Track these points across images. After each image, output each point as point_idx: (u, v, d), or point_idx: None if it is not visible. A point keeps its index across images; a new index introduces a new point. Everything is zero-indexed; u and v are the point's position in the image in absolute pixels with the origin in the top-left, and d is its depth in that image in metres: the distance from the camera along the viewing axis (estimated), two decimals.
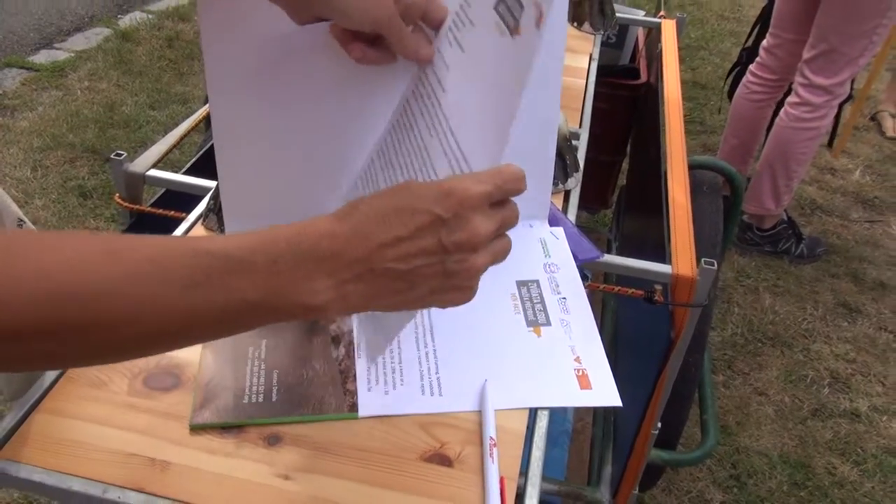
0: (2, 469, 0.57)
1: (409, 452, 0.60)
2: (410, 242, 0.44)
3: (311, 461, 0.59)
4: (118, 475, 0.57)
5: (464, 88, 0.59)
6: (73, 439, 0.59)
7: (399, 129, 0.64)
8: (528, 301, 0.74)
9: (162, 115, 2.85)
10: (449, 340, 0.69)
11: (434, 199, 0.44)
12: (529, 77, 0.49)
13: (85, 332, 0.39)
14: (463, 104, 0.57)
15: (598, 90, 1.30)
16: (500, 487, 0.57)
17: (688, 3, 4.48)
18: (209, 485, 0.57)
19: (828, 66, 2.02)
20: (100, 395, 0.63)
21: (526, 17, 0.52)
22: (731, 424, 1.78)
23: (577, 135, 1.05)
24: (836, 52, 1.98)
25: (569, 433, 1.40)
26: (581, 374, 0.67)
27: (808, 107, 2.07)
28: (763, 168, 2.24)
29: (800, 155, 2.15)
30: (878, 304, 2.22)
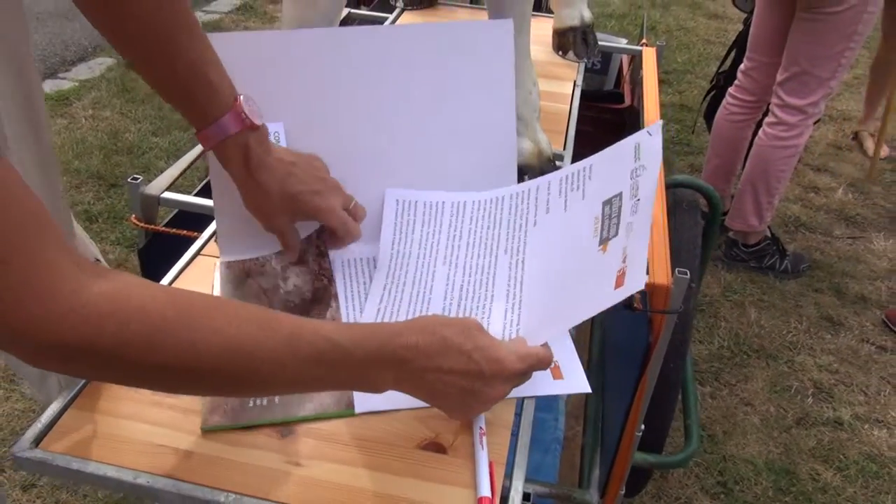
0: (43, 459, 0.63)
1: (408, 441, 0.67)
2: (456, 376, 0.60)
3: (320, 450, 0.66)
4: (147, 463, 0.63)
5: (551, 238, 0.75)
6: (106, 433, 0.66)
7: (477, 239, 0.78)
8: (608, 218, 0.72)
9: (164, 141, 2.93)
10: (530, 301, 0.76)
11: (486, 359, 0.61)
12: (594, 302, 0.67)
13: (233, 378, 0.54)
14: (544, 254, 0.72)
15: (584, 114, 1.39)
16: (490, 471, 0.64)
17: (674, 28, 4.61)
18: (229, 471, 0.63)
19: (800, 87, 2.13)
20: (127, 393, 0.70)
21: (615, 245, 0.67)
22: (718, 433, 1.85)
23: (561, 156, 1.13)
24: (807, 74, 2.09)
25: (560, 441, 1.46)
26: (553, 365, 0.73)
27: (785, 126, 2.17)
28: (745, 186, 2.32)
29: (779, 172, 2.24)
30: (859, 317, 2.29)
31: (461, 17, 1.66)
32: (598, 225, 0.73)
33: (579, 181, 0.77)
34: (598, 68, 1.91)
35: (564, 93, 1.36)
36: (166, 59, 0.69)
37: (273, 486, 0.62)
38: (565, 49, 1.48)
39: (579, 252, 0.74)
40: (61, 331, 0.46)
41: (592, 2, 5.10)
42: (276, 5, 4.66)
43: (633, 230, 0.72)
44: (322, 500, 0.62)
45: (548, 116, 1.23)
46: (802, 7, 2.05)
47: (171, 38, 0.68)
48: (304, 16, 0.85)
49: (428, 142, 0.85)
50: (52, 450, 0.64)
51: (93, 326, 0.47)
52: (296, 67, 0.80)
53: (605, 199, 0.73)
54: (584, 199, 0.76)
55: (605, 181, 0.74)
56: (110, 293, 0.48)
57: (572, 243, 0.76)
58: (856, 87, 3.92)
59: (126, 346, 0.48)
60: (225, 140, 0.72)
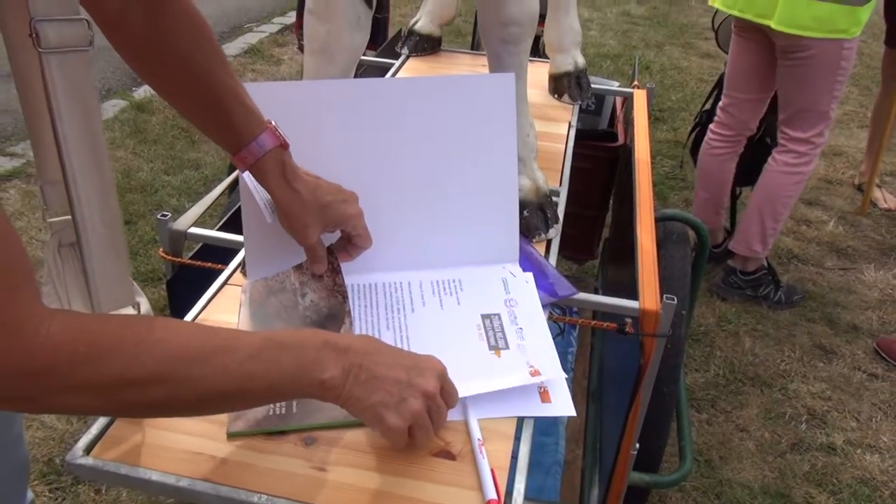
0: (94, 465, 0.71)
1: (420, 449, 0.74)
2: (390, 368, 0.68)
3: (342, 457, 0.73)
4: (187, 469, 0.71)
5: (432, 327, 0.87)
6: (149, 442, 0.73)
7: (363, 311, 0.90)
8: (491, 330, 0.88)
9: (176, 180, 3.04)
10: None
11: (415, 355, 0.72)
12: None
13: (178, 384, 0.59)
14: (429, 336, 0.85)
15: (580, 152, 1.48)
16: (493, 476, 0.71)
17: (668, 67, 4.75)
18: (260, 475, 0.71)
19: (801, 123, 2.26)
20: None
21: (510, 356, 0.83)
22: (715, 458, 1.90)
23: (557, 192, 1.21)
24: (804, 111, 2.22)
25: (561, 463, 1.53)
26: (542, 390, 0.81)
27: (795, 154, 2.29)
28: (752, 212, 2.42)
29: (786, 199, 2.35)
30: (851, 345, 2.36)
31: (463, 63, 1.77)
32: (481, 332, 0.87)
33: (452, 289, 0.93)
34: (593, 109, 2.01)
35: (560, 133, 1.45)
36: (205, 89, 0.78)
37: (300, 489, 0.70)
38: (560, 92, 1.58)
39: (468, 348, 0.85)
40: (26, 360, 0.53)
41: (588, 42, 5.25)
42: (282, 48, 4.81)
43: (528, 352, 0.84)
44: (344, 502, 0.69)
45: (545, 155, 1.32)
46: (780, 54, 2.18)
47: (209, 69, 0.78)
48: (324, 70, 0.94)
49: (432, 188, 0.94)
50: (102, 457, 0.71)
51: (50, 352, 0.53)
52: (311, 115, 0.89)
53: (484, 314, 0.90)
54: (459, 305, 0.91)
55: (479, 298, 0.92)
56: (64, 324, 0.55)
57: (456, 338, 0.87)
58: (845, 122, 4.04)
59: (79, 364, 0.54)
60: (264, 156, 0.81)
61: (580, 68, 1.57)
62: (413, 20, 1.78)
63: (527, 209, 1.08)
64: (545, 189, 1.11)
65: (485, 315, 0.90)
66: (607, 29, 5.48)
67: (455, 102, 0.90)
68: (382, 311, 0.91)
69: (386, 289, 0.93)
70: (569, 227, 1.24)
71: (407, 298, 0.92)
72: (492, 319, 0.90)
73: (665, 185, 3.29)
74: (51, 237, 0.75)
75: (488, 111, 0.91)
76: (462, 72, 1.74)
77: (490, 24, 1.00)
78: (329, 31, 0.91)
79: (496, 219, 0.96)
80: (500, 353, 0.85)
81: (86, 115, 0.66)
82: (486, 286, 0.94)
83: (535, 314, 0.91)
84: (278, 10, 5.54)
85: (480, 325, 0.89)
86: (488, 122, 0.92)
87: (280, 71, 4.41)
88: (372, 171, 0.91)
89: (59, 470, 1.70)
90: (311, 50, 0.94)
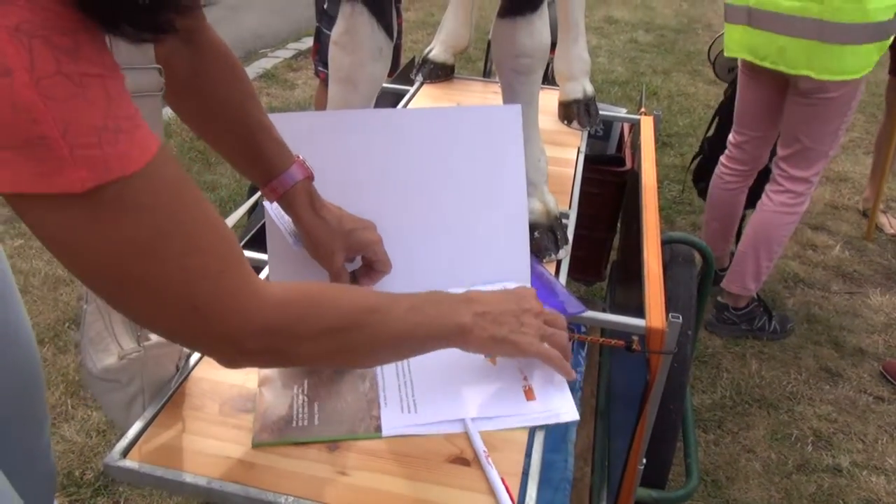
0: (130, 468, 0.75)
1: (437, 456, 0.78)
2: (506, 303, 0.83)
3: (363, 462, 0.77)
4: (218, 471, 0.75)
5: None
6: (182, 447, 0.78)
7: None
8: None
9: None
10: (427, 376, 0.89)
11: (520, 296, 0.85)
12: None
13: (365, 329, 0.71)
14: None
15: (588, 176, 1.53)
16: (504, 483, 0.75)
17: (676, 93, 4.81)
18: (287, 478, 0.75)
19: (802, 161, 2.25)
20: (198, 415, 0.82)
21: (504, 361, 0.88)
22: (722, 479, 1.93)
23: (567, 214, 1.26)
24: (809, 149, 2.21)
25: (570, 480, 1.55)
26: (527, 388, 0.86)
27: (792, 194, 2.28)
28: (747, 251, 2.40)
29: (782, 238, 2.36)
30: (857, 368, 2.38)
31: (475, 90, 1.83)
32: None
33: None
34: (601, 135, 2.06)
35: (569, 158, 1.50)
36: (240, 125, 0.84)
37: (323, 491, 0.74)
38: (570, 119, 1.63)
39: (465, 356, 0.87)
40: (258, 320, 0.62)
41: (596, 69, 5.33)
42: (296, 73, 4.91)
43: (521, 359, 0.89)
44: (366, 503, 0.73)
45: (555, 179, 1.37)
46: (797, 93, 2.15)
47: (243, 107, 0.84)
48: (348, 98, 1.00)
49: (446, 214, 0.99)
50: (138, 460, 0.76)
51: (276, 313, 0.64)
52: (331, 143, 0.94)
53: None
54: None
55: None
56: (277, 290, 0.65)
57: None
58: (851, 149, 4.08)
59: (302, 319, 0.67)
60: (293, 187, 0.87)
61: (589, 96, 1.63)
62: (427, 49, 1.84)
63: (538, 231, 1.12)
64: (555, 212, 1.16)
65: None
66: (615, 56, 5.56)
67: (467, 132, 0.95)
68: None
69: None
70: (577, 250, 1.29)
71: None
72: None
73: (672, 209, 3.33)
74: None
75: (498, 140, 0.96)
76: (474, 98, 1.80)
77: (503, 55, 1.05)
78: (353, 62, 0.97)
79: (507, 242, 1.00)
80: (496, 360, 0.90)
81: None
82: None
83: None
84: (292, 37, 5.66)
85: None
86: (498, 150, 0.97)
87: (294, 95, 4.50)
88: (388, 197, 0.96)
89: (79, 482, 1.74)
90: (336, 79, 1.00)
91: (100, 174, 0.50)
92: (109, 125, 0.50)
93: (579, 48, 1.59)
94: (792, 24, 2.04)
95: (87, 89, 0.49)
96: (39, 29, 0.46)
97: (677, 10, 7.03)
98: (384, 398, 0.85)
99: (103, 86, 0.50)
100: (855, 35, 1.97)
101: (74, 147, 0.48)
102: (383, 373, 0.89)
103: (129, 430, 0.79)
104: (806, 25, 2.01)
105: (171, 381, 0.86)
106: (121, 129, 0.51)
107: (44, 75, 0.46)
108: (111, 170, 0.50)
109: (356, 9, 0.94)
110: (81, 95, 0.49)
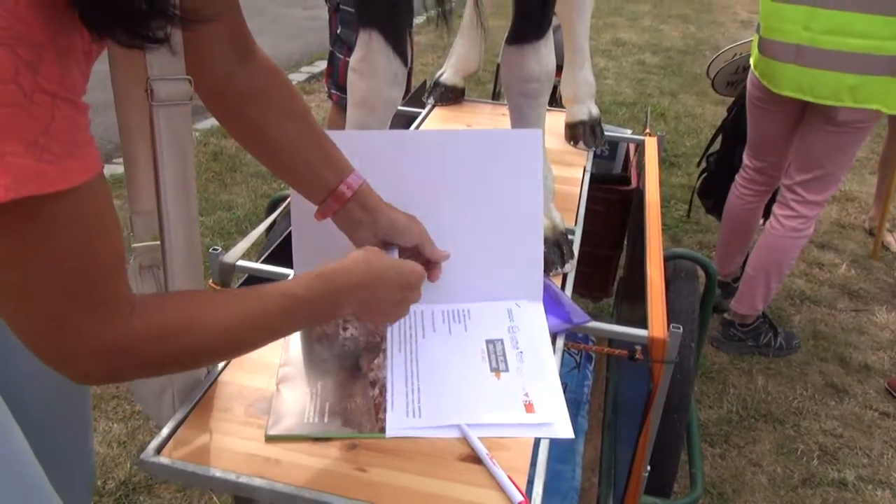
0: (164, 464, 0.81)
1: (449, 455, 0.84)
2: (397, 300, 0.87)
3: (381, 460, 0.83)
4: (245, 468, 0.80)
5: (440, 351, 0.98)
6: (211, 445, 0.83)
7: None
8: (493, 353, 0.98)
9: (210, 220, 3.18)
10: (434, 385, 0.94)
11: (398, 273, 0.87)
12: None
13: (231, 342, 0.74)
14: (435, 359, 0.96)
15: (595, 194, 1.58)
16: (511, 479, 0.80)
17: (683, 114, 4.88)
18: (309, 474, 0.80)
19: (821, 186, 2.28)
20: (225, 416, 0.87)
21: (509, 378, 0.93)
22: (728, 491, 1.96)
23: (573, 231, 1.32)
24: (829, 174, 2.25)
25: (577, 490, 1.60)
26: (528, 403, 0.90)
27: (803, 219, 2.32)
28: (757, 273, 2.43)
29: (791, 260, 2.41)
30: (863, 384, 2.41)
31: (484, 112, 1.90)
32: (484, 355, 0.98)
33: (461, 318, 1.05)
34: (607, 155, 2.13)
35: (576, 177, 1.56)
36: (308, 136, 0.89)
37: (342, 486, 0.79)
38: (576, 139, 1.69)
39: (471, 369, 0.96)
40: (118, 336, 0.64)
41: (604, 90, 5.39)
42: (309, 96, 5.02)
43: (525, 375, 0.95)
44: (384, 497, 0.78)
45: (561, 197, 1.43)
46: (831, 123, 2.14)
47: (306, 119, 0.89)
48: (365, 120, 1.06)
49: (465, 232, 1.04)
50: (171, 457, 0.81)
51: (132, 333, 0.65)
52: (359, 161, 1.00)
53: (488, 339, 1.01)
54: (466, 332, 1.02)
55: (485, 325, 1.03)
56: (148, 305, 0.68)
57: (461, 360, 0.98)
58: (857, 168, 4.12)
59: (160, 336, 0.67)
60: (362, 185, 0.91)
61: (594, 118, 1.69)
62: (438, 73, 1.92)
63: (545, 245, 1.18)
64: (561, 227, 1.21)
65: (489, 339, 1.01)
66: (623, 77, 5.64)
67: (488, 154, 1.01)
68: (396, 335, 1.01)
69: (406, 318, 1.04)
70: (585, 266, 1.34)
71: (418, 325, 1.03)
72: (495, 344, 1.00)
73: (679, 228, 3.38)
74: (133, 259, 0.86)
75: (518, 163, 1.02)
76: (484, 119, 1.87)
77: (512, 80, 1.12)
78: (369, 87, 1.04)
79: (523, 260, 1.06)
80: (500, 374, 0.95)
81: (183, 157, 0.78)
82: (492, 315, 1.05)
83: (536, 340, 1.01)
84: (305, 60, 5.78)
85: (484, 349, 0.99)
86: (517, 173, 1.02)
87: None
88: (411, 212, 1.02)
89: (101, 492, 1.80)
90: (354, 102, 1.06)
91: (18, 186, 0.51)
92: (40, 142, 0.52)
93: (585, 73, 1.66)
94: (869, 63, 2.01)
95: (34, 104, 0.51)
96: (8, 38, 0.49)
97: (684, 33, 7.12)
98: (392, 402, 0.90)
99: (52, 105, 0.52)
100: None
101: (2, 154, 0.50)
102: (393, 379, 0.94)
103: (163, 429, 0.85)
104: (884, 62, 2.00)
105: (202, 379, 0.91)
106: (49, 150, 0.52)
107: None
108: (28, 185, 0.51)
109: (373, 37, 1.01)
110: (26, 108, 0.51)
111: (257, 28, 4.73)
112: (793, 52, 2.10)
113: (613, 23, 7.40)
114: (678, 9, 8.18)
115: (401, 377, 0.94)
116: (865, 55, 2.00)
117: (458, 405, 0.90)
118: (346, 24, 2.67)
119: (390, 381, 0.94)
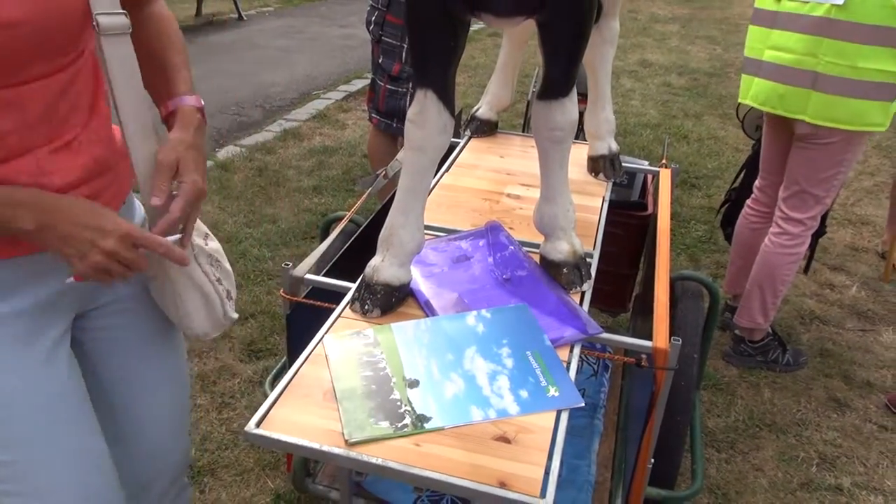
0: (262, 435, 1.03)
1: (485, 435, 1.05)
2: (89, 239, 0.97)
3: (433, 438, 1.04)
4: (325, 440, 1.02)
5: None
6: (297, 421, 1.05)
7: None
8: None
9: (257, 232, 3.44)
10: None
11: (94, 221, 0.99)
12: None
13: None
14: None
15: (614, 219, 1.79)
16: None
17: (706, 136, 5.05)
18: (376, 446, 1.02)
19: (800, 203, 2.49)
20: (308, 400, 1.10)
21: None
22: (731, 493, 2.14)
23: (591, 254, 1.53)
24: (805, 192, 2.46)
25: (591, 483, 1.80)
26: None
27: (788, 236, 2.52)
28: (753, 288, 2.64)
29: (784, 276, 2.58)
30: (865, 400, 2.58)
31: (515, 144, 2.12)
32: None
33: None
34: (626, 183, 2.33)
35: (595, 206, 1.77)
36: (159, 61, 1.16)
37: (403, 456, 1.01)
38: (597, 171, 1.91)
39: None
40: None
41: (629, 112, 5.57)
42: (346, 114, 5.27)
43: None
44: (435, 465, 1.00)
45: (582, 224, 1.64)
46: (797, 138, 2.43)
47: (164, 53, 1.17)
48: (419, 161, 1.28)
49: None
50: (268, 430, 1.04)
51: None
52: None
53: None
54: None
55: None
56: None
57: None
58: (875, 193, 4.26)
59: None
60: (180, 108, 1.14)
61: (614, 152, 1.90)
62: (475, 108, 2.14)
63: (566, 268, 1.39)
64: (581, 252, 1.42)
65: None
66: (648, 99, 5.83)
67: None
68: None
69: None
70: (604, 284, 1.55)
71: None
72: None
73: (698, 248, 3.56)
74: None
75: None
76: (514, 150, 2.08)
77: (541, 128, 1.33)
78: (423, 135, 1.26)
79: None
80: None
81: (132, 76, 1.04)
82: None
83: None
84: (342, 79, 6.06)
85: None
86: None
87: (345, 135, 4.85)
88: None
89: None
90: (409, 147, 1.28)
91: None
92: None
93: (606, 112, 1.87)
94: (791, 75, 2.32)
95: None
96: None
97: (711, 54, 7.28)
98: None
99: None
100: (843, 88, 2.22)
101: None
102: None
103: (260, 408, 1.07)
104: (803, 75, 2.29)
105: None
106: None
107: None
108: None
109: (428, 95, 1.23)
110: None
111: (296, 46, 5.14)
112: (756, 67, 2.47)
113: (641, 43, 7.58)
114: (706, 30, 8.34)
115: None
116: (789, 68, 2.32)
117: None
118: (387, 54, 2.91)
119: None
